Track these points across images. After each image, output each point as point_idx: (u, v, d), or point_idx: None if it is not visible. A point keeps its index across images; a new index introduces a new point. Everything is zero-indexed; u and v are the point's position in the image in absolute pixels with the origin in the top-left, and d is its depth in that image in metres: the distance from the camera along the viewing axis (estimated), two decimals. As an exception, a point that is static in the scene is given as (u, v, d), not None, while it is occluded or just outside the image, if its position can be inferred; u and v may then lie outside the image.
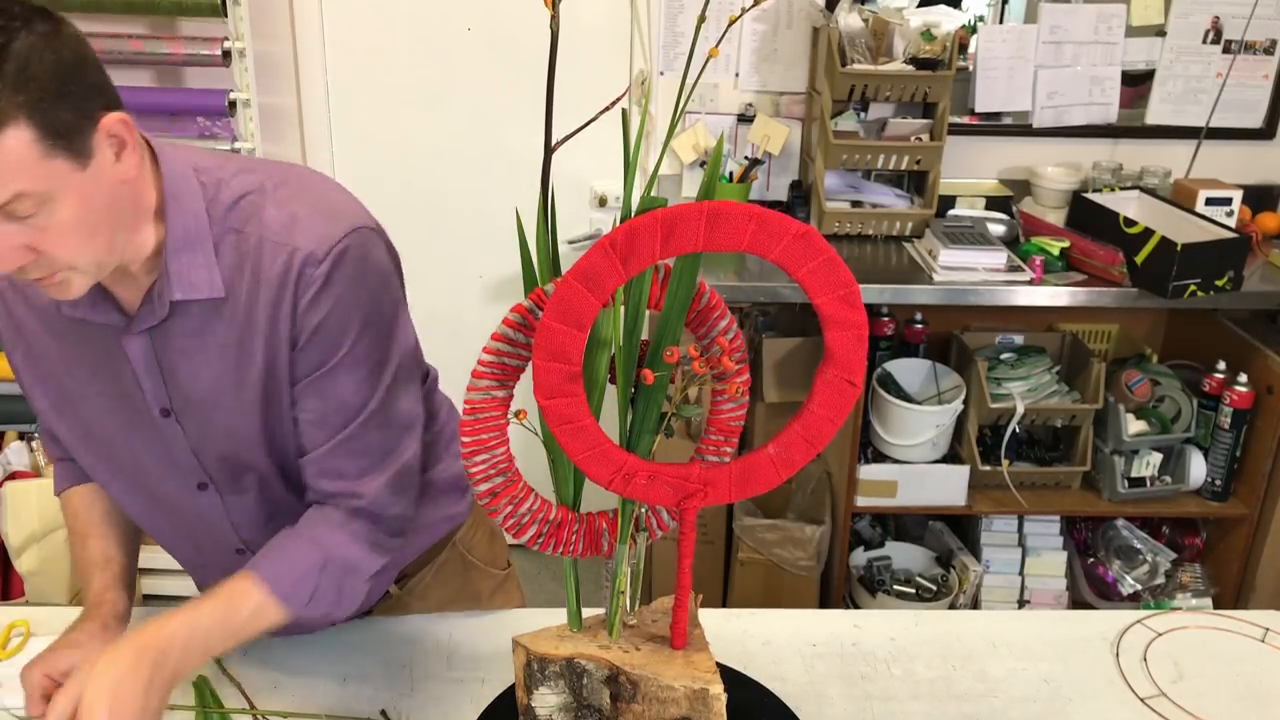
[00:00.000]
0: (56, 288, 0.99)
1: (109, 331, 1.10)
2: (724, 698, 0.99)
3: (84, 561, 1.23)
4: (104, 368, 1.12)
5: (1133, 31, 2.75)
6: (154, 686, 1.00)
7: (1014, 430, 2.54)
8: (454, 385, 1.18)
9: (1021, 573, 2.72)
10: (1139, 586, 2.66)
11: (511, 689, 1.23)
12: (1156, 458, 2.58)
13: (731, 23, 0.99)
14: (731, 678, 1.20)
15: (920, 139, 2.57)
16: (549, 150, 0.92)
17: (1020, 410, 2.51)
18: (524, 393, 0.94)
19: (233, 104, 2.44)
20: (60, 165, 0.91)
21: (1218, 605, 2.64)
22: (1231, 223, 2.57)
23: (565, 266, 0.88)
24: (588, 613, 1.09)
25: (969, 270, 2.40)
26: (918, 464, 2.55)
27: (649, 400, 0.96)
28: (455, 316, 2.87)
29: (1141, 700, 1.26)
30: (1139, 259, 2.37)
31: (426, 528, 1.36)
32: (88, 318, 1.08)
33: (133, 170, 0.99)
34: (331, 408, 1.11)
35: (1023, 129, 2.80)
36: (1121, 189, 2.66)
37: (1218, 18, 2.73)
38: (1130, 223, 2.39)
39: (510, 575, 1.54)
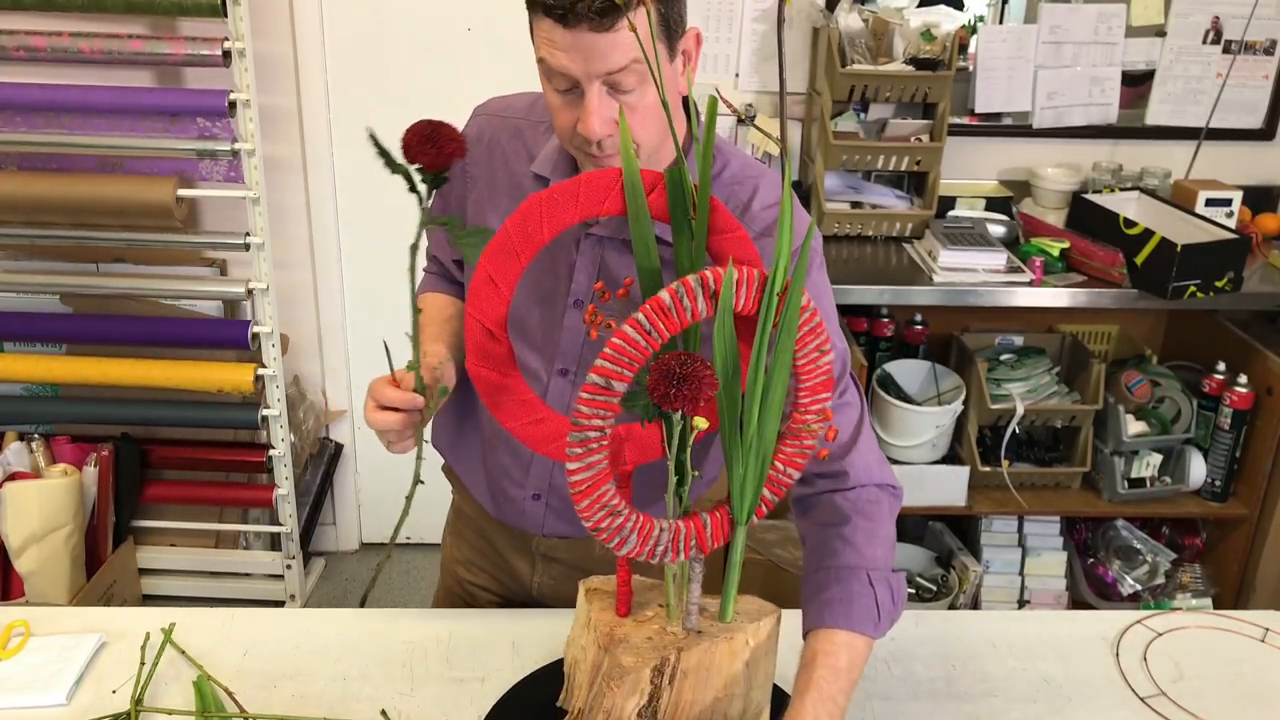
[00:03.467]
0: (609, 160, 1.12)
1: (575, 227, 1.21)
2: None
3: (426, 330, 1.31)
4: (553, 251, 1.23)
5: (1133, 32, 2.75)
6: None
7: (1014, 431, 2.54)
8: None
9: (1021, 573, 2.72)
10: (1139, 587, 2.66)
11: (512, 689, 1.23)
12: (1156, 458, 2.58)
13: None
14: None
15: (920, 139, 2.57)
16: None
17: (1020, 411, 2.51)
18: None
19: (233, 104, 2.44)
20: (663, 51, 1.09)
21: (1218, 605, 2.64)
22: (1231, 223, 2.57)
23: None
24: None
25: (969, 271, 2.40)
26: (918, 464, 2.55)
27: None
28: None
29: (1141, 700, 1.26)
30: (1139, 260, 2.37)
31: None
32: None
33: (684, 86, 1.17)
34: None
35: (1023, 129, 2.80)
36: (1121, 190, 2.66)
37: (1218, 18, 2.73)
38: (1130, 224, 2.39)
39: None
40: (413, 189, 1.06)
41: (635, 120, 1.09)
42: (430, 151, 1.05)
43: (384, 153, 1.03)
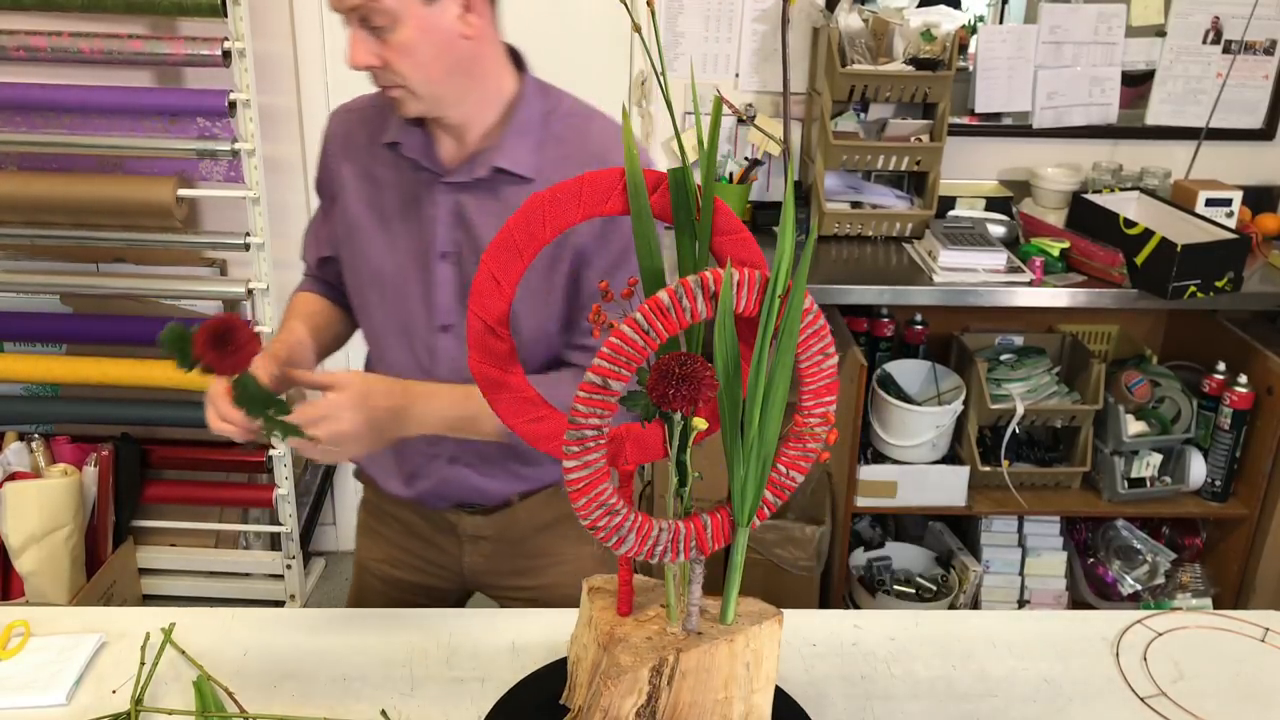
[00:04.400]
0: (394, 102, 1.27)
1: (423, 180, 1.34)
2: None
3: (279, 334, 1.42)
4: (405, 205, 1.35)
5: (1133, 32, 2.75)
6: (396, 411, 1.24)
7: (1014, 431, 2.54)
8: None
9: (1021, 573, 2.72)
10: (1139, 586, 2.66)
11: (512, 689, 1.23)
12: (1156, 458, 2.58)
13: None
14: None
15: (920, 139, 2.57)
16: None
17: (1020, 411, 2.51)
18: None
19: (233, 104, 2.44)
20: None
21: (1218, 605, 2.64)
22: (1231, 223, 2.57)
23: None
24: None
25: (969, 271, 2.40)
26: (918, 464, 2.55)
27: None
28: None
29: (1141, 700, 1.26)
30: (1139, 260, 2.37)
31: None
32: (418, 159, 1.34)
33: (471, 31, 1.25)
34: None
35: (1023, 129, 2.80)
36: (1121, 190, 2.66)
37: (1218, 18, 2.73)
38: (1130, 224, 2.40)
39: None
40: (209, 371, 1.10)
41: (392, 56, 1.22)
42: (220, 356, 1.07)
43: (179, 351, 1.07)
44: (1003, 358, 2.64)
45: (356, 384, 1.23)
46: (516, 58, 1.39)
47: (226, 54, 2.42)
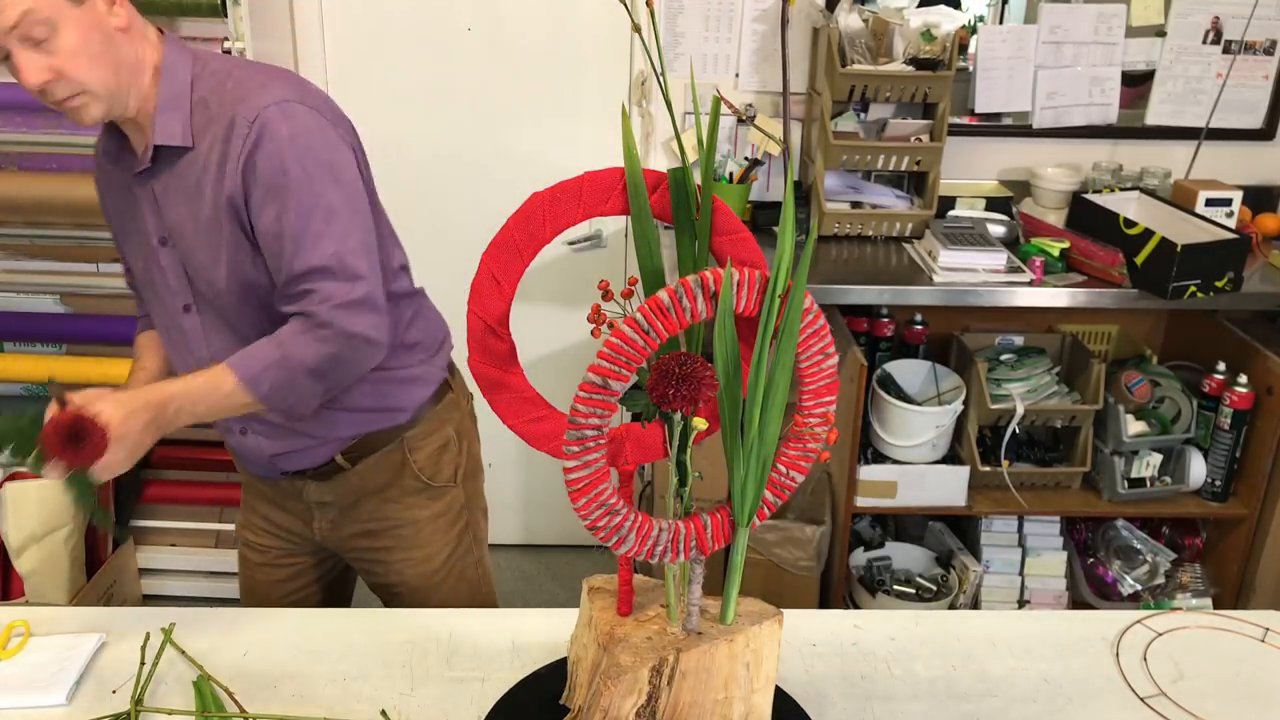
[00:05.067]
0: (75, 111, 1.30)
1: (127, 179, 1.41)
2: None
3: (131, 373, 1.54)
4: (128, 206, 1.44)
5: (1133, 32, 2.75)
6: (151, 427, 1.32)
7: (1014, 431, 2.54)
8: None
9: (1021, 573, 2.72)
10: (1139, 586, 2.66)
11: (512, 689, 1.23)
12: (1156, 458, 2.58)
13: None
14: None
15: (920, 139, 2.57)
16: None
17: (1020, 411, 2.51)
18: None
19: (233, 104, 2.44)
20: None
21: (1218, 605, 2.64)
22: (1231, 223, 2.57)
23: (563, 267, 0.87)
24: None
25: (969, 271, 2.40)
26: (918, 464, 2.55)
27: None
28: (455, 315, 2.87)
29: (1141, 700, 1.26)
30: (1139, 260, 2.37)
31: (375, 409, 1.53)
32: (115, 163, 1.43)
33: (122, 22, 1.30)
34: (280, 245, 1.33)
35: (1023, 129, 2.80)
36: (1121, 190, 2.66)
37: (1218, 18, 2.73)
38: (1130, 223, 2.39)
39: (455, 497, 1.64)
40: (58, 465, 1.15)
41: (63, 63, 1.25)
42: (75, 454, 1.11)
43: (19, 446, 1.10)
44: (1003, 358, 2.64)
45: (111, 416, 1.26)
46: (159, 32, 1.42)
47: (226, 54, 2.42)
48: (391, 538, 1.60)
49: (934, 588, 2.70)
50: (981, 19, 2.76)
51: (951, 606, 2.65)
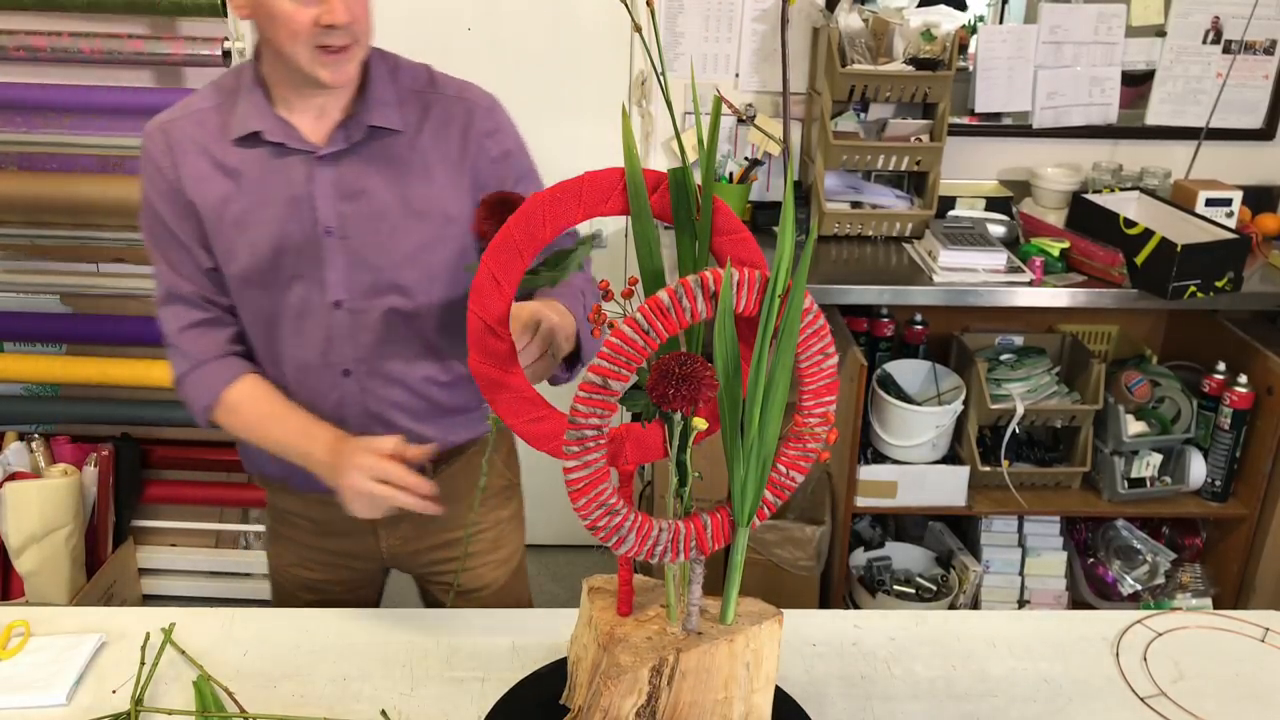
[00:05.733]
0: (338, 63, 1.27)
1: (293, 160, 1.34)
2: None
3: (294, 429, 1.39)
4: (279, 194, 1.34)
5: (1133, 31, 2.75)
6: (332, 470, 1.33)
7: (1014, 431, 2.54)
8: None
9: (1021, 573, 2.72)
10: (1139, 586, 2.66)
11: (512, 689, 1.23)
12: (1156, 458, 2.58)
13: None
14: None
15: (920, 139, 2.57)
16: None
17: (1020, 411, 2.51)
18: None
19: (233, 104, 2.44)
20: None
21: (1218, 605, 2.64)
22: (1231, 223, 2.57)
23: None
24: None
25: (969, 271, 2.40)
26: (918, 464, 2.55)
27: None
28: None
29: (1141, 700, 1.26)
30: (1139, 260, 2.37)
31: (475, 410, 1.52)
32: (285, 141, 1.33)
33: None
34: None
35: (1022, 129, 2.80)
36: (1121, 190, 2.66)
37: (1218, 18, 2.73)
38: (1130, 223, 2.39)
39: (520, 493, 1.67)
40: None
41: (362, 14, 1.27)
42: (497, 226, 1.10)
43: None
44: (1003, 358, 2.64)
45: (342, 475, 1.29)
46: None
47: (226, 54, 2.42)
48: (477, 542, 1.58)
49: (934, 588, 2.70)
50: (981, 19, 2.76)
51: (951, 606, 2.64)
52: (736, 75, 2.73)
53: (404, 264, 1.37)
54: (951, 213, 2.68)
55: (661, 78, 1.01)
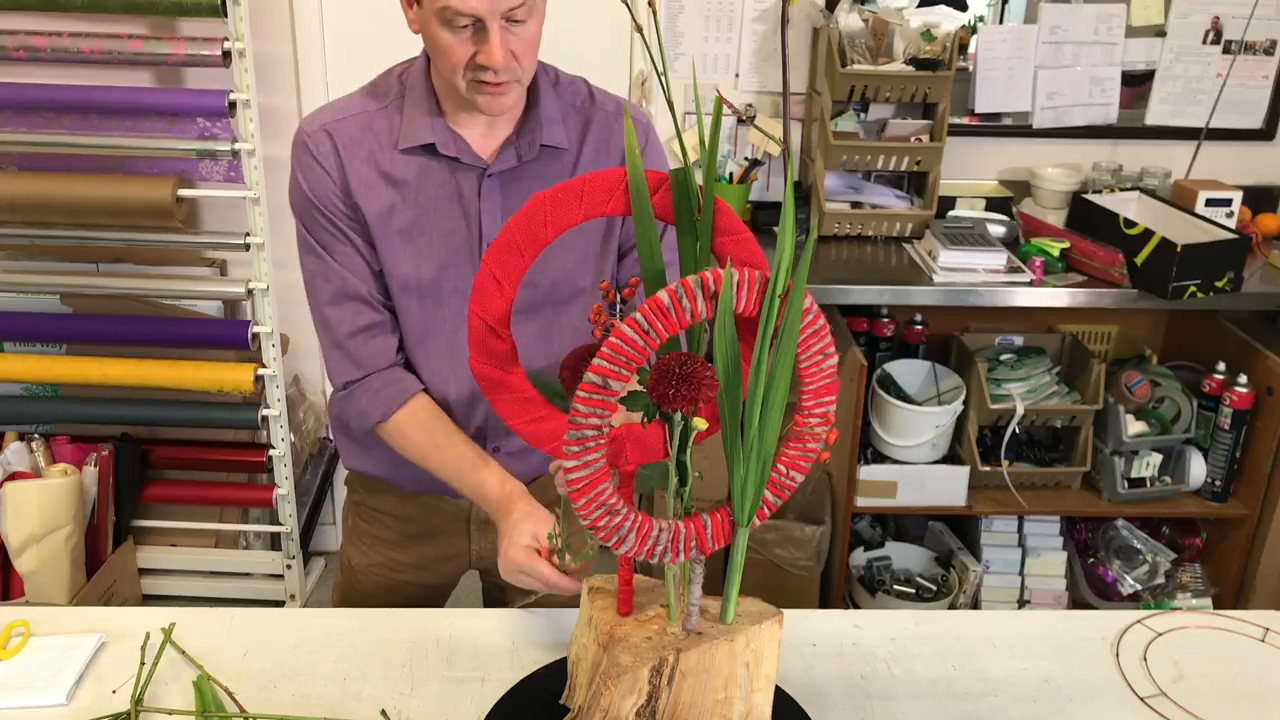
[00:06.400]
0: (496, 98, 1.26)
1: (462, 174, 1.35)
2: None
3: (460, 461, 1.38)
4: (445, 207, 1.35)
5: (1133, 32, 2.75)
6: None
7: (1014, 431, 2.54)
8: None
9: (1021, 573, 2.72)
10: (1139, 586, 2.66)
11: (512, 689, 1.23)
12: (1156, 458, 2.58)
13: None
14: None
15: (920, 140, 2.57)
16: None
17: (1020, 411, 2.51)
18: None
19: (233, 104, 2.44)
20: None
21: (1218, 605, 2.64)
22: (1231, 224, 2.57)
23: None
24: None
25: (969, 271, 2.40)
26: (917, 464, 2.55)
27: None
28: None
29: (1141, 700, 1.26)
30: (1139, 260, 2.37)
31: None
32: (458, 156, 1.33)
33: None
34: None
35: (1023, 130, 2.80)
36: (1121, 190, 2.66)
37: (1218, 18, 2.73)
38: (1130, 224, 2.40)
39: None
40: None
41: (521, 49, 1.25)
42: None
43: None
44: (1003, 358, 2.64)
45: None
46: None
47: (226, 54, 2.42)
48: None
49: (934, 588, 2.70)
50: (981, 19, 2.76)
51: (951, 606, 2.65)
52: (736, 75, 2.73)
53: (561, 280, 1.39)
54: (951, 213, 2.68)
55: (662, 78, 1.01)
